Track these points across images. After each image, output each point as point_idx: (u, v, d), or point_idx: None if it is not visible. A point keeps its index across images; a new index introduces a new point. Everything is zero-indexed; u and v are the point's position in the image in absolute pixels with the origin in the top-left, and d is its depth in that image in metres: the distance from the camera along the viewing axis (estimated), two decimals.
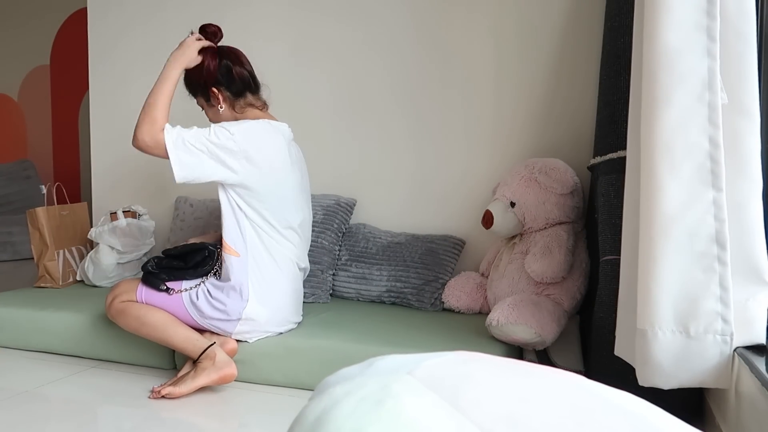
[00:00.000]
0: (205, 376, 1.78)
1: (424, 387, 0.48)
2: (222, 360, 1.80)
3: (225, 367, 1.80)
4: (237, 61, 1.99)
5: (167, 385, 1.80)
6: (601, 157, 1.82)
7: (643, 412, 0.49)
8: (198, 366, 1.81)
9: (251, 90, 2.02)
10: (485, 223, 2.12)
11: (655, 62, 1.22)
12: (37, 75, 4.72)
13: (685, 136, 1.20)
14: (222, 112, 1.99)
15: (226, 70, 1.97)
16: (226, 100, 1.98)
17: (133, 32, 2.96)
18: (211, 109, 2.02)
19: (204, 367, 1.79)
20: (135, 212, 2.72)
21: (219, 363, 1.79)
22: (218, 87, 1.97)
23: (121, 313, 1.90)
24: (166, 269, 1.92)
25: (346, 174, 2.61)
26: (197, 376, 1.78)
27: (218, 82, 1.97)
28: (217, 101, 1.98)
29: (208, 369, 1.79)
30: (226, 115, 1.99)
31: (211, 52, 1.98)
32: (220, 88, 1.97)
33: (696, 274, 1.20)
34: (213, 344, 1.83)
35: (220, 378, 1.79)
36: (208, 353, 1.81)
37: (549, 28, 2.32)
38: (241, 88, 1.99)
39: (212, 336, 1.89)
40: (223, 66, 1.97)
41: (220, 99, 1.97)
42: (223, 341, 1.88)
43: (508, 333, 1.80)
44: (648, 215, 1.23)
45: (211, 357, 1.80)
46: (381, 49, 2.55)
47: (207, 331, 1.91)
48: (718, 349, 1.20)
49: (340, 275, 2.42)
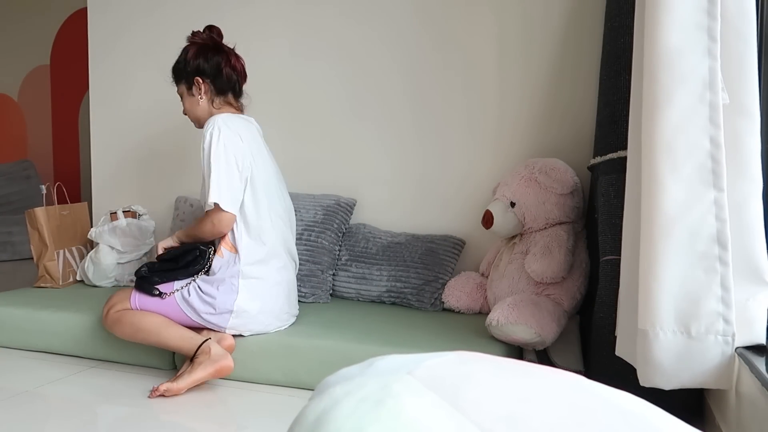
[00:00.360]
0: (201, 369, 1.79)
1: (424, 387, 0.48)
2: (217, 353, 1.82)
3: (221, 359, 1.81)
4: (229, 61, 2.03)
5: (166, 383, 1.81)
6: (602, 157, 1.82)
7: (643, 412, 0.49)
8: (194, 361, 1.82)
9: (234, 92, 2.06)
10: (485, 223, 2.12)
11: (655, 62, 1.22)
12: (37, 75, 4.72)
13: (686, 136, 1.20)
14: (200, 104, 2.03)
15: (216, 64, 2.01)
16: (207, 93, 2.02)
17: (133, 32, 2.97)
18: (189, 98, 2.05)
19: (200, 362, 1.80)
20: (135, 212, 2.72)
21: (215, 356, 1.80)
22: (203, 78, 2.01)
23: (117, 322, 1.92)
24: (159, 272, 1.93)
25: (346, 174, 2.61)
26: (194, 371, 1.79)
27: (204, 73, 2.01)
28: (199, 92, 2.02)
29: (204, 363, 1.80)
30: (203, 108, 2.04)
31: (208, 46, 2.02)
32: (205, 80, 2.01)
33: (697, 274, 1.20)
34: (208, 339, 1.84)
35: (217, 371, 1.80)
36: (203, 348, 1.82)
37: (549, 29, 2.32)
38: (225, 86, 2.03)
39: (209, 333, 1.89)
40: (215, 60, 2.01)
41: (201, 90, 2.01)
42: (220, 338, 1.89)
43: (508, 333, 1.80)
44: (649, 215, 1.23)
45: (206, 351, 1.81)
46: (381, 50, 2.55)
47: (204, 329, 1.91)
48: (720, 350, 1.20)
49: (340, 275, 2.42)
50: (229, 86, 2.04)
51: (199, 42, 2.04)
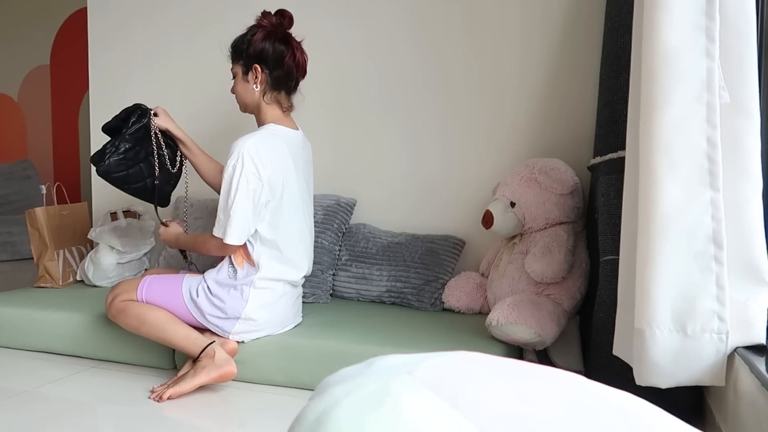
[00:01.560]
0: (204, 374, 1.78)
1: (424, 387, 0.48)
2: (222, 358, 1.80)
3: (225, 365, 1.80)
4: (294, 55, 1.94)
5: (167, 386, 1.81)
6: (601, 157, 1.82)
7: (642, 412, 0.49)
8: (198, 364, 1.81)
9: (288, 89, 1.98)
10: (485, 223, 2.12)
11: (654, 62, 1.22)
12: (37, 75, 4.72)
13: (683, 136, 1.20)
14: (254, 92, 1.95)
15: (280, 55, 1.92)
16: (263, 83, 1.94)
17: (133, 32, 2.97)
18: (242, 83, 1.97)
19: (204, 365, 1.79)
20: (135, 212, 2.72)
21: (219, 361, 1.79)
22: (263, 66, 1.93)
23: (121, 312, 1.89)
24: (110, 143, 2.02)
25: (346, 174, 2.61)
26: (197, 374, 1.78)
27: (265, 62, 1.92)
28: (255, 79, 1.94)
29: (208, 367, 1.78)
30: (253, 97, 1.96)
31: (276, 33, 1.93)
32: (264, 69, 1.93)
33: (693, 273, 1.20)
34: (212, 342, 1.83)
35: (220, 376, 1.79)
36: (207, 351, 1.81)
37: (549, 28, 2.32)
38: (283, 80, 1.95)
39: (212, 336, 1.89)
40: (279, 50, 1.92)
41: (258, 79, 1.93)
42: (223, 341, 1.88)
43: (508, 333, 1.80)
44: (646, 215, 1.24)
45: (210, 355, 1.80)
46: (381, 49, 2.55)
47: (207, 330, 1.91)
48: (714, 347, 1.21)
49: (340, 275, 2.42)
50: (287, 81, 1.96)
51: (267, 26, 1.93)
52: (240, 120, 2.69)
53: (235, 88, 2.00)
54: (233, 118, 2.55)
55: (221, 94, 2.50)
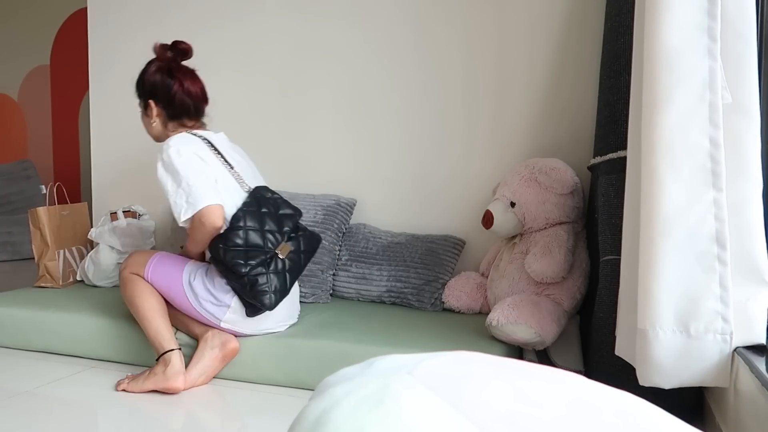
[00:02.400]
0: (152, 382, 1.80)
1: (424, 387, 0.48)
2: (174, 370, 1.80)
3: (172, 378, 1.79)
4: (182, 86, 1.97)
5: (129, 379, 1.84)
6: (602, 157, 1.82)
7: (642, 412, 0.49)
8: (153, 368, 1.83)
9: (189, 115, 2.01)
10: (485, 223, 2.12)
11: (655, 62, 1.22)
12: (37, 75, 4.72)
13: (685, 136, 1.20)
14: (154, 126, 2.01)
15: (167, 90, 1.96)
16: (159, 116, 2.00)
17: (133, 32, 2.96)
18: (145, 118, 2.04)
19: (155, 372, 1.81)
20: (135, 212, 2.72)
21: (168, 372, 1.79)
22: (155, 101, 1.98)
23: (125, 283, 1.92)
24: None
25: (346, 174, 2.61)
26: (148, 379, 1.81)
27: (156, 96, 1.98)
28: (152, 113, 1.99)
29: (158, 375, 1.80)
30: (156, 131, 2.02)
31: (162, 67, 1.98)
32: (157, 104, 1.98)
33: (696, 273, 1.20)
34: (173, 350, 1.83)
35: (164, 389, 1.79)
36: (165, 357, 1.81)
37: (549, 28, 2.32)
38: (178, 112, 1.99)
39: (214, 333, 1.88)
40: (165, 85, 1.96)
41: (153, 113, 1.99)
42: (225, 340, 1.87)
43: (508, 333, 1.80)
44: (649, 215, 1.23)
45: (166, 362, 1.81)
46: (381, 50, 2.55)
47: (206, 326, 1.90)
48: (718, 348, 1.21)
49: (340, 275, 2.42)
50: (184, 112, 1.99)
51: (158, 61, 1.99)
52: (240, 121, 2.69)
53: (143, 122, 2.06)
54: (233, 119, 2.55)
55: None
